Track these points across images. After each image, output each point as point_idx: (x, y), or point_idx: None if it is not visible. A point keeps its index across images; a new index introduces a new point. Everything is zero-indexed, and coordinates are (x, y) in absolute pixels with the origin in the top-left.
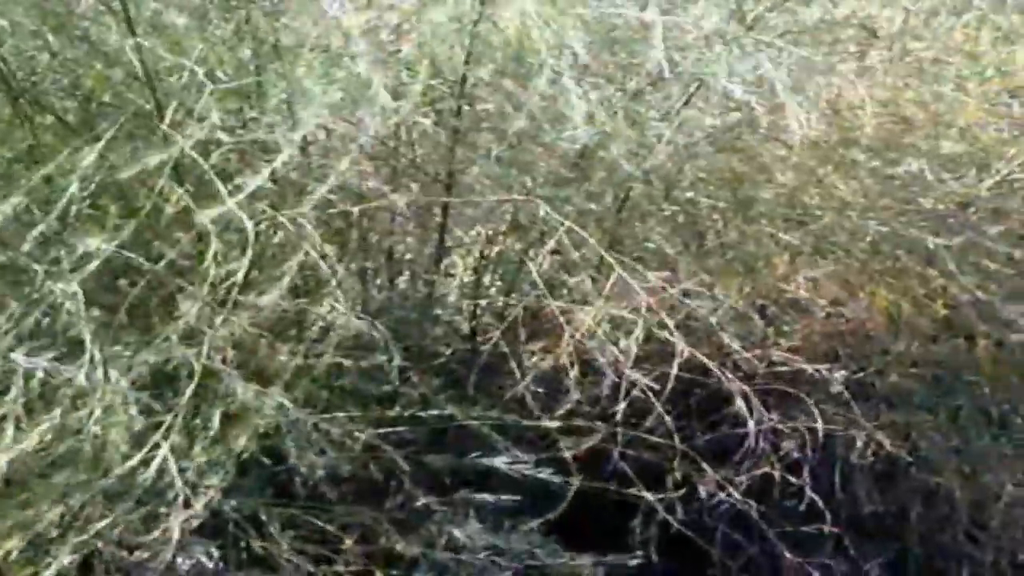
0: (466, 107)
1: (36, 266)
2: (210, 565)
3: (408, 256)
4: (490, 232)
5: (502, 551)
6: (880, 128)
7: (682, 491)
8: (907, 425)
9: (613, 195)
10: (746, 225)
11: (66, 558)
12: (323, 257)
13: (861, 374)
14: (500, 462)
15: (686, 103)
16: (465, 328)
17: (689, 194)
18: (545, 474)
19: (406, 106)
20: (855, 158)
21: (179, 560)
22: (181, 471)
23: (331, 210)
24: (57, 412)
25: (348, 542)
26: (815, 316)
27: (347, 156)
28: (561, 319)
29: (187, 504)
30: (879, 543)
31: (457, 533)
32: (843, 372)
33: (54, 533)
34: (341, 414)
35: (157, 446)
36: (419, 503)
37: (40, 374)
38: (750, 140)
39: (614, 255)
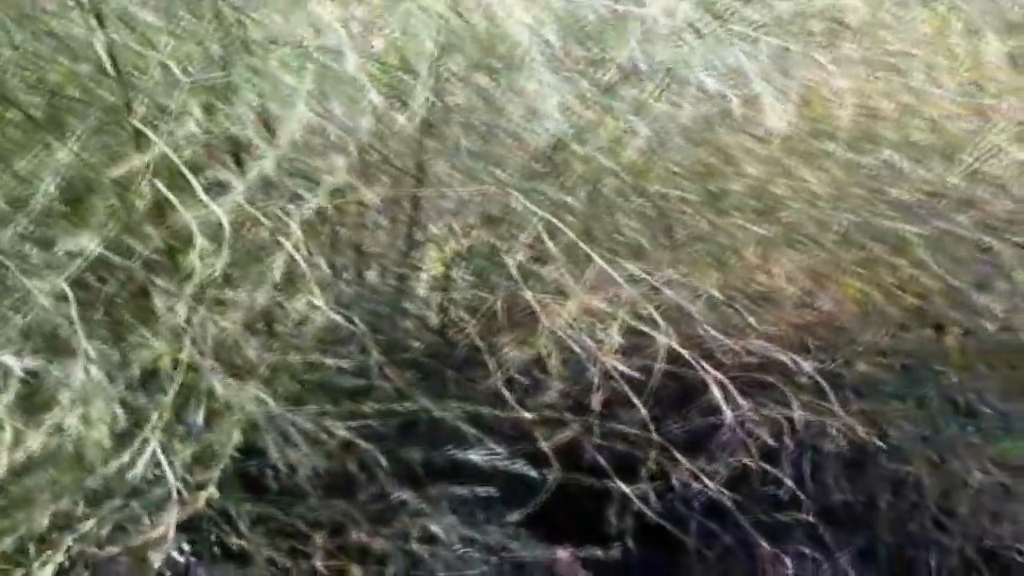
0: (438, 101)
1: (9, 263)
2: (181, 560)
3: (380, 250)
4: (463, 225)
5: (478, 543)
6: (850, 119)
7: (658, 482)
8: (877, 414)
9: (585, 188)
10: (717, 217)
11: (59, 557)
12: (302, 252)
13: (831, 364)
14: (475, 455)
15: (659, 96)
16: (439, 321)
17: (656, 188)
18: (520, 467)
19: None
20: (826, 149)
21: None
22: (170, 464)
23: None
24: (58, 412)
25: (318, 538)
26: (785, 307)
27: (342, 157)
28: (538, 310)
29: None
30: (850, 531)
31: (433, 527)
32: (813, 363)
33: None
34: (315, 407)
35: (145, 442)
36: (393, 497)
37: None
38: (722, 133)
39: (589, 247)
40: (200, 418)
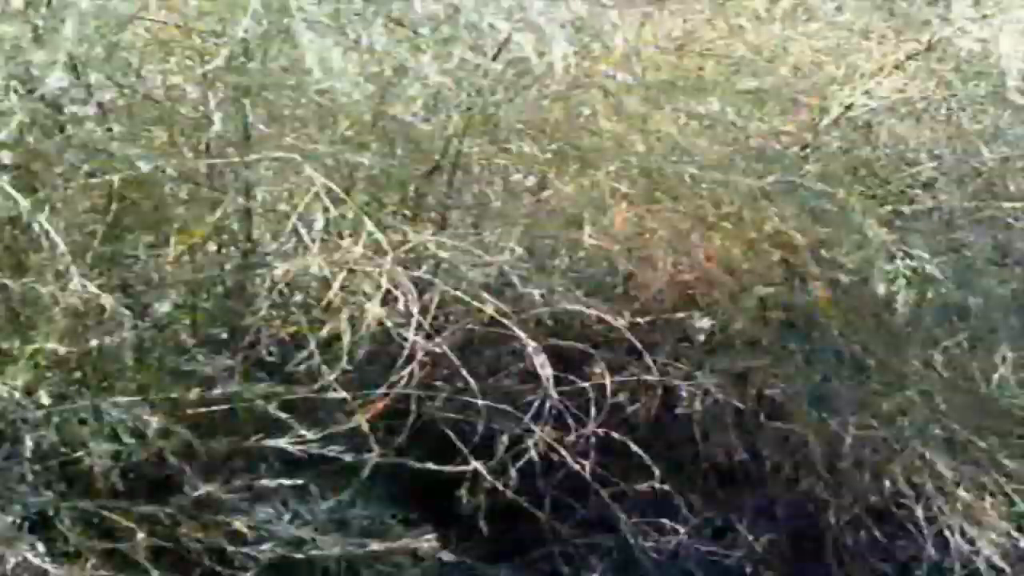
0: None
1: None
2: (36, 561)
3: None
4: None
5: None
6: (703, 70)
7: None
8: (759, 371)
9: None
10: (575, 176)
11: None
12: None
13: (711, 323)
14: (284, 442)
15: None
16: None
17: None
18: (335, 450)
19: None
20: (681, 102)
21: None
22: None
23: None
24: None
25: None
26: (656, 266)
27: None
28: (335, 284)
29: None
30: (745, 492)
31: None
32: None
33: None
34: (125, 399)
35: None
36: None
37: None
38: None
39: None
40: None
